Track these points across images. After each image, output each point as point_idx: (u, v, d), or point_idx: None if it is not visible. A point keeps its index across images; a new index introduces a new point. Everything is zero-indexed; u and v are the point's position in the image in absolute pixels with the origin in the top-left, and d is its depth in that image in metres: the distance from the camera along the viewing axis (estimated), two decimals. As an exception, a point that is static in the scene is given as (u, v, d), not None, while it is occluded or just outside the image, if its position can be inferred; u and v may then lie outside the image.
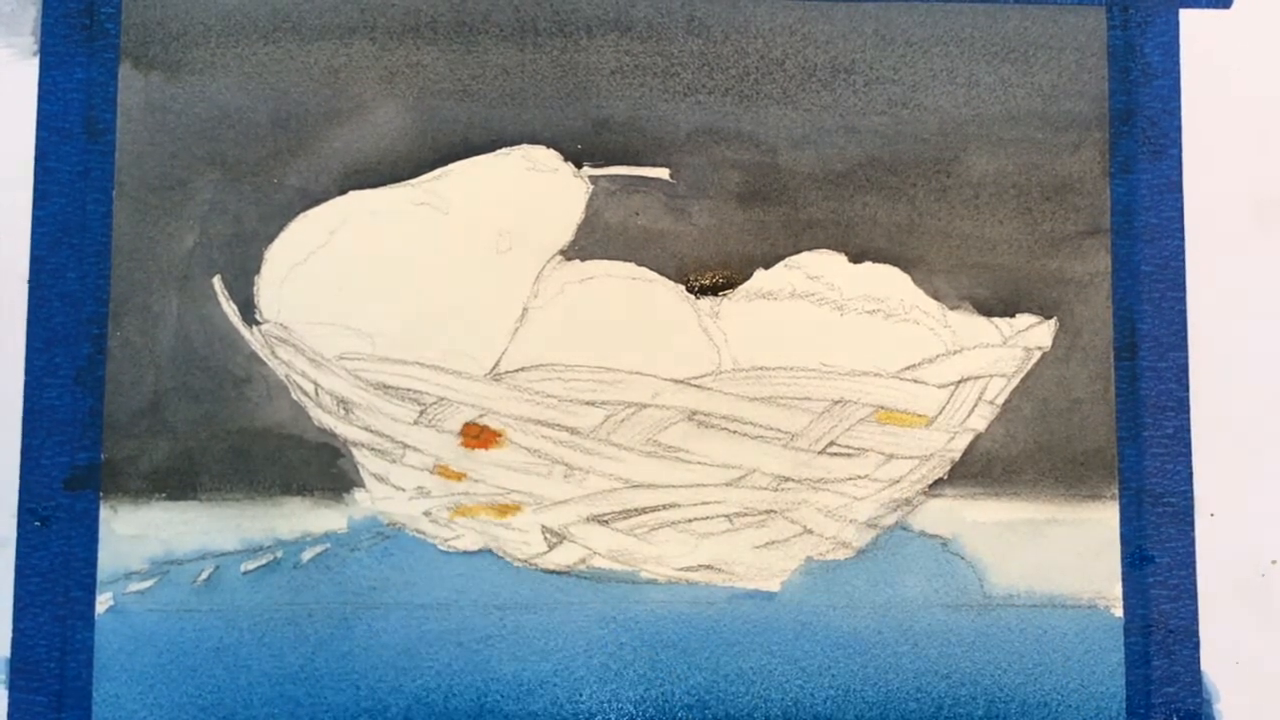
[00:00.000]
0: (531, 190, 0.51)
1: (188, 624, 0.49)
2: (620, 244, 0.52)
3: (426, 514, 0.50)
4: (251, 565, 0.50)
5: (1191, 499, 0.51)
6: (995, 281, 0.52)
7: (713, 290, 0.51)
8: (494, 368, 0.51)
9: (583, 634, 0.50)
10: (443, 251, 0.51)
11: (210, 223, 0.51)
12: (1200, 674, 0.51)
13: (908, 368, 0.51)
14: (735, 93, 0.52)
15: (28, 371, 0.50)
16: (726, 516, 0.51)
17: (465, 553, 0.50)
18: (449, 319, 0.51)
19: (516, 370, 0.51)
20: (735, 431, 0.51)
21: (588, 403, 0.50)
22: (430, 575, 0.50)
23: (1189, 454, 0.52)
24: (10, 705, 0.49)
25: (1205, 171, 0.53)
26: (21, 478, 0.50)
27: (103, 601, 0.49)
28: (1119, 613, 0.51)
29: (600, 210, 0.52)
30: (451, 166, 0.51)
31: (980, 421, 0.51)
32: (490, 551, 0.50)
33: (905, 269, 0.52)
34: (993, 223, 0.52)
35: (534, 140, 0.52)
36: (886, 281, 0.52)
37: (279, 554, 0.50)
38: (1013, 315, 0.52)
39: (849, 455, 0.51)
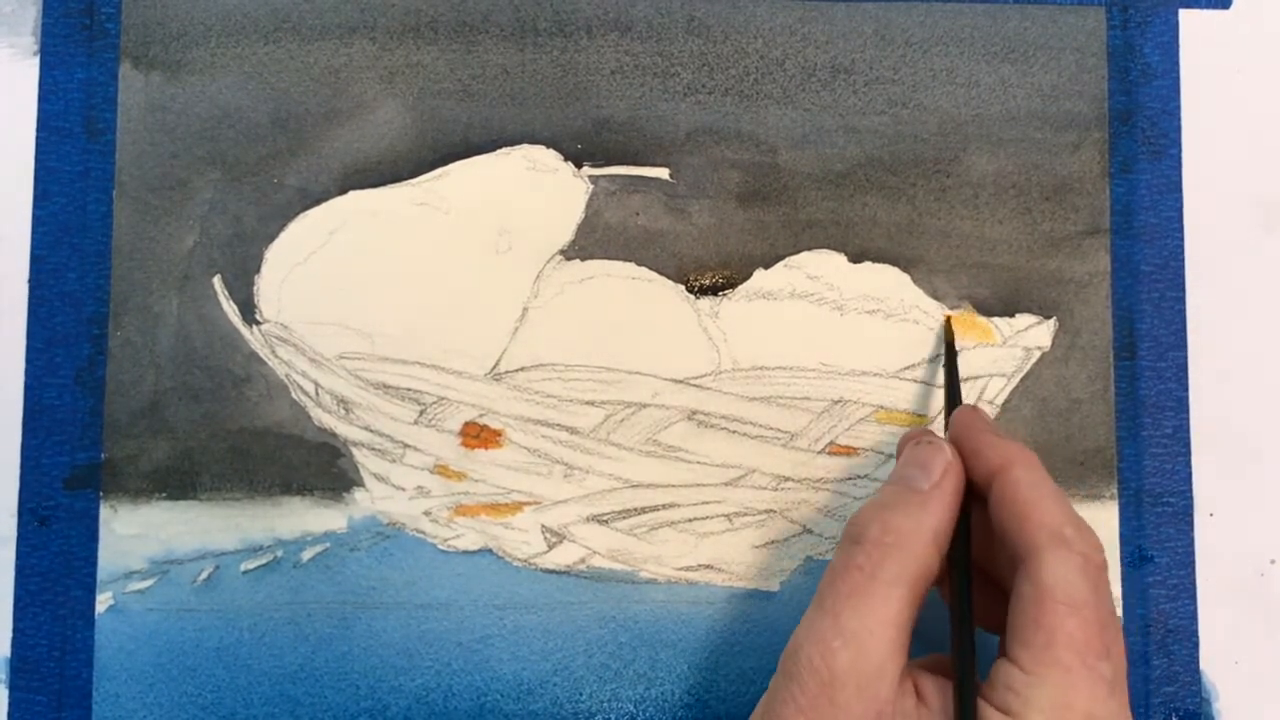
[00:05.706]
0: (531, 190, 0.51)
1: (187, 623, 0.50)
2: (620, 244, 0.52)
3: (426, 514, 0.50)
4: (251, 565, 0.50)
5: (1191, 499, 0.51)
6: (995, 281, 0.52)
7: (713, 290, 0.51)
8: (494, 367, 0.51)
9: (582, 634, 0.50)
10: (443, 251, 0.51)
11: (210, 223, 0.51)
12: (1199, 673, 0.51)
13: (907, 367, 0.51)
14: (735, 93, 0.52)
15: (28, 371, 0.50)
16: (726, 516, 0.51)
17: (465, 552, 0.50)
18: (449, 319, 0.51)
19: (516, 370, 0.51)
20: (735, 431, 0.51)
21: (588, 402, 0.50)
22: (430, 575, 0.50)
23: (1188, 454, 0.52)
24: (10, 704, 0.49)
25: (1205, 172, 0.53)
26: (21, 477, 0.50)
27: (102, 601, 0.49)
28: (1118, 612, 0.51)
29: (600, 210, 0.52)
30: (451, 166, 0.51)
31: (980, 421, 0.51)
32: (490, 551, 0.50)
33: (905, 269, 0.52)
34: (992, 222, 0.52)
35: (534, 140, 0.52)
36: (886, 281, 0.52)
37: (279, 554, 0.50)
38: (1012, 315, 0.52)
39: (848, 455, 0.51)
